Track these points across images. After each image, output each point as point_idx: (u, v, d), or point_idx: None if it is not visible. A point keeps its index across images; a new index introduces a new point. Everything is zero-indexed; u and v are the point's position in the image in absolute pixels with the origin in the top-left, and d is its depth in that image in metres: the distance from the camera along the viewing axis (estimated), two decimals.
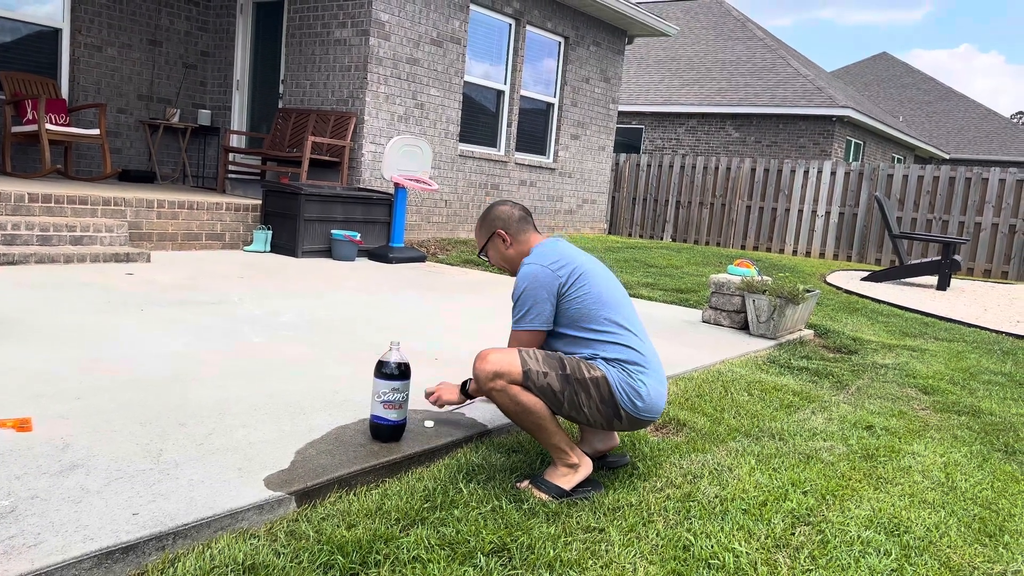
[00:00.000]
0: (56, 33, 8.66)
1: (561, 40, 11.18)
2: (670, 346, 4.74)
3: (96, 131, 8.06)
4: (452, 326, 4.69)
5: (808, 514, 2.48)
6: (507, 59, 10.41)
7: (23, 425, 2.40)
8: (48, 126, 7.62)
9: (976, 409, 4.08)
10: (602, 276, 2.63)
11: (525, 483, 2.48)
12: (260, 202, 7.54)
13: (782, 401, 3.84)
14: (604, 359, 2.52)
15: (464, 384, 2.79)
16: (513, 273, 2.77)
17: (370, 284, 6.12)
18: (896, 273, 9.48)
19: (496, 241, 2.75)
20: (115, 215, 6.41)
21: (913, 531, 2.43)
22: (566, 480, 2.48)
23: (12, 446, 2.26)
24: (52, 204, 6.04)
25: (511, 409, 2.48)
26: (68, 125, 8.10)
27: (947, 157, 27.29)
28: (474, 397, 2.79)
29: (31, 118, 7.80)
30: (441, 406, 2.85)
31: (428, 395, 2.84)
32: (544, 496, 2.42)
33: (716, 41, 23.30)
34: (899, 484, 2.84)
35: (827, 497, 2.63)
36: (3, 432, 2.35)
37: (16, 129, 7.83)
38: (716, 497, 2.53)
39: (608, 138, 12.53)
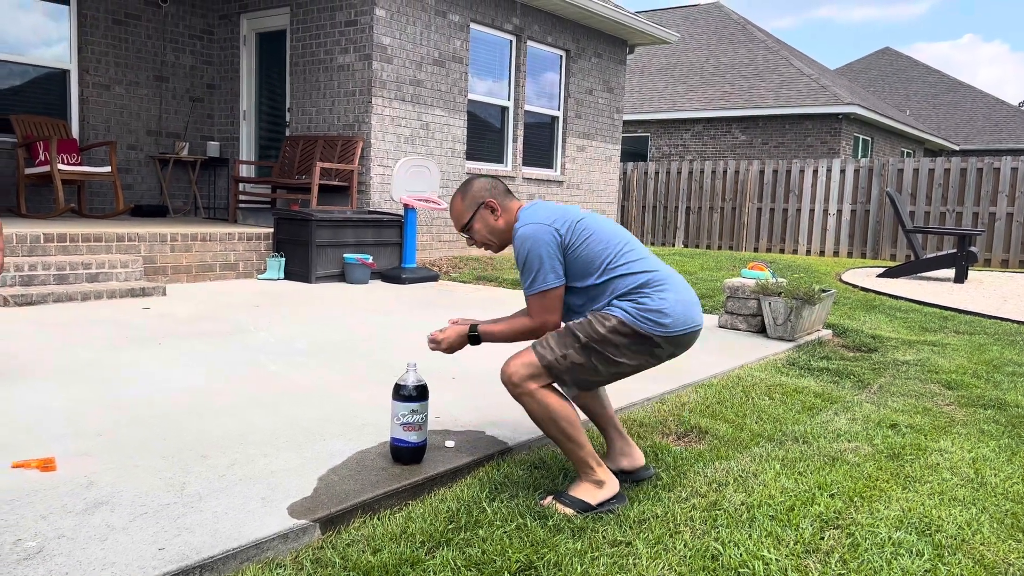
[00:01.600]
0: (64, 74, 8.78)
1: (562, 53, 11.23)
2: (687, 352, 4.71)
3: (107, 169, 8.15)
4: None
5: (836, 517, 2.45)
6: (510, 75, 10.46)
7: (47, 465, 2.41)
8: (60, 166, 7.71)
9: (1002, 402, 4.03)
10: (600, 219, 2.58)
11: (549, 499, 2.47)
12: (272, 230, 7.59)
13: (804, 403, 3.81)
14: (617, 297, 2.45)
15: (472, 328, 2.63)
16: (499, 249, 2.70)
17: (384, 306, 6.13)
18: (912, 268, 9.41)
19: (484, 214, 2.63)
20: (129, 251, 6.47)
21: (945, 530, 2.39)
22: (591, 495, 2.45)
23: (37, 486, 2.27)
24: (67, 243, 6.10)
25: (540, 414, 2.43)
26: (80, 164, 8.20)
27: (957, 148, 27.12)
28: (482, 342, 2.63)
29: (43, 159, 7.90)
30: (447, 350, 2.65)
31: (432, 341, 2.65)
32: (568, 511, 2.40)
33: (717, 46, 23.32)
34: (928, 482, 2.80)
35: (855, 499, 2.60)
36: (28, 472, 2.37)
37: (29, 171, 7.93)
38: (742, 504, 2.50)
39: (615, 148, 12.54)
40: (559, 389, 2.50)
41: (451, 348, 2.66)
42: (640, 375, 4.06)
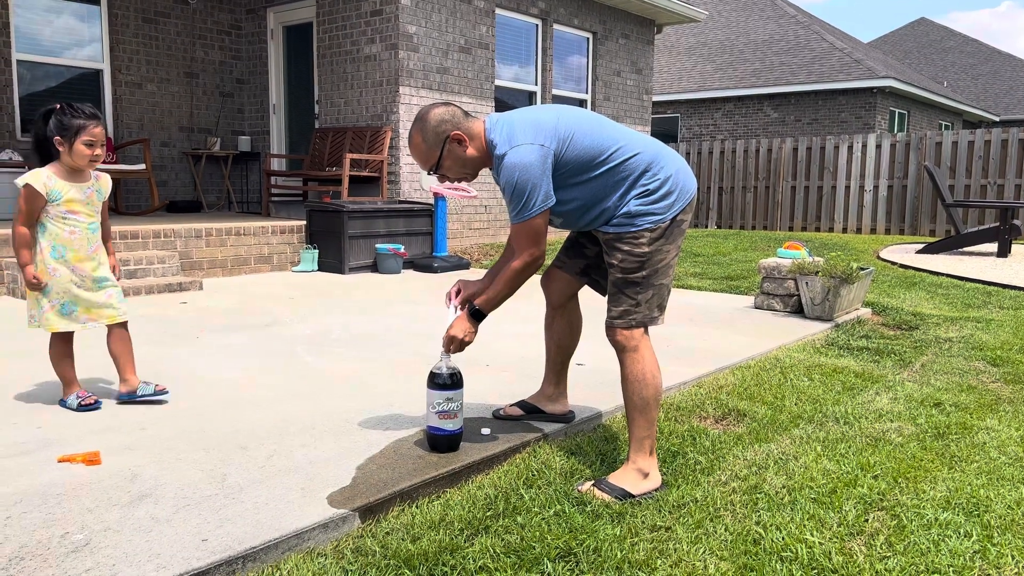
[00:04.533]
0: (98, 74, 8.91)
1: (589, 36, 11.12)
2: (723, 335, 4.67)
3: (142, 166, 8.26)
4: (500, 332, 4.68)
5: (880, 499, 2.40)
6: (536, 59, 10.39)
7: (92, 459, 2.46)
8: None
9: None
10: (570, 112, 2.53)
11: (587, 485, 2.46)
12: (305, 223, 7.65)
13: (844, 384, 3.75)
14: (627, 194, 2.49)
15: (474, 311, 2.60)
16: (472, 177, 2.60)
17: (417, 295, 6.15)
18: (952, 243, 9.20)
19: (453, 148, 2.49)
20: (166, 246, 6.56)
21: (993, 510, 2.34)
22: (635, 485, 2.44)
23: (83, 480, 2.32)
24: None
25: (640, 374, 2.50)
26: (115, 162, 8.33)
27: (997, 119, 26.43)
28: (487, 315, 2.61)
29: None
30: (461, 347, 2.61)
31: (446, 347, 2.61)
32: (607, 497, 2.39)
33: (747, 22, 22.94)
34: (974, 462, 2.74)
35: (899, 480, 2.55)
36: (74, 467, 2.41)
37: None
38: (783, 487, 2.47)
39: (644, 129, 12.42)
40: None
41: (464, 343, 2.61)
42: (677, 359, 4.03)
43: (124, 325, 3.13)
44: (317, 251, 7.49)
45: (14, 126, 8.24)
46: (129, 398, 3.09)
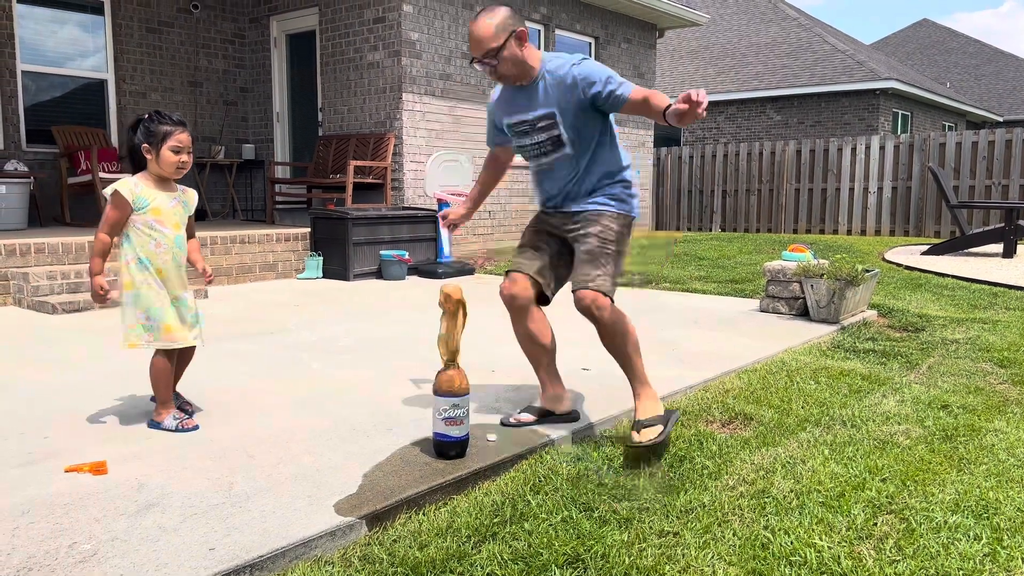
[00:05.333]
0: (102, 84, 8.95)
1: (591, 40, 11.14)
2: (729, 338, 4.66)
3: None
4: (505, 338, 4.67)
5: (889, 502, 2.39)
6: None
7: (99, 468, 2.46)
8: (101, 175, 7.87)
9: None
10: None
11: (635, 435, 2.74)
12: (309, 230, 7.66)
13: (851, 386, 3.74)
14: (618, 185, 2.94)
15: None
16: (515, 82, 2.84)
17: (422, 301, 6.15)
18: (958, 244, 9.18)
19: (514, 42, 2.72)
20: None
21: (1003, 512, 2.32)
22: (658, 407, 2.86)
23: (90, 489, 2.32)
24: None
25: (619, 329, 2.84)
26: (120, 172, 8.35)
27: (1001, 120, 26.38)
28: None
29: (85, 168, 8.07)
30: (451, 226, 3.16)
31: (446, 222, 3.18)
32: (658, 428, 2.74)
33: (748, 25, 22.96)
34: (983, 464, 2.72)
35: (907, 483, 2.54)
36: (81, 476, 2.42)
37: (72, 180, 8.11)
38: (791, 491, 2.46)
39: (647, 133, 12.42)
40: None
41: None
42: (683, 363, 4.02)
43: (193, 350, 3.07)
44: (321, 258, 7.50)
45: (19, 137, 8.27)
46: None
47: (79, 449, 2.67)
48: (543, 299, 3.05)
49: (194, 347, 3.04)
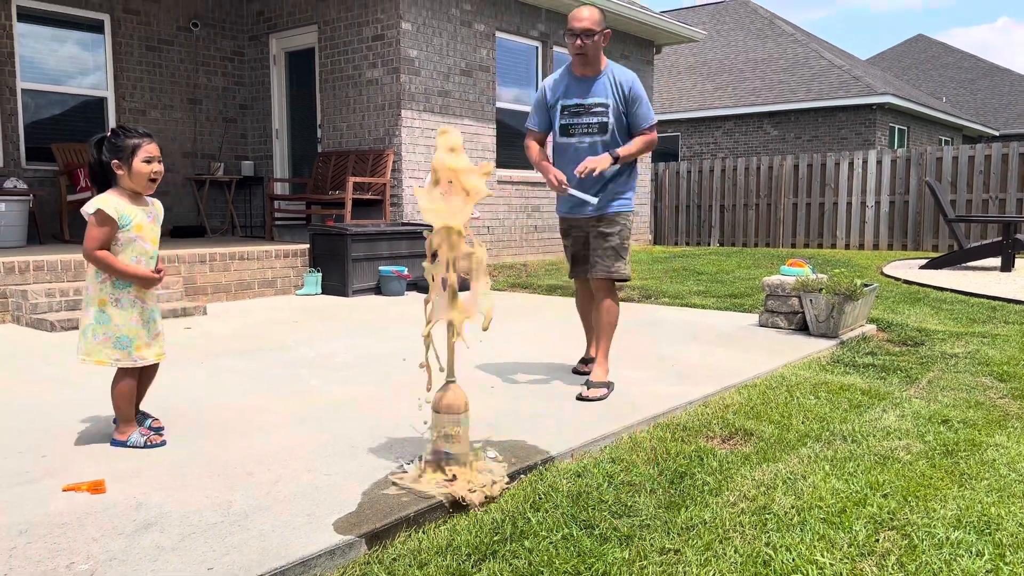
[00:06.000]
0: (102, 101, 8.99)
1: None
2: (728, 353, 4.66)
3: None
4: (504, 352, 4.67)
5: (891, 518, 2.38)
6: (537, 81, 10.46)
7: (97, 487, 2.45)
8: None
9: None
10: None
11: (584, 393, 3.56)
12: (308, 246, 7.67)
13: (851, 401, 3.73)
14: (630, 189, 3.84)
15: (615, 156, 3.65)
16: (584, 66, 3.69)
17: (421, 317, 6.14)
18: (956, 258, 9.19)
19: (601, 36, 3.66)
20: (170, 272, 6.58)
21: (1005, 528, 2.32)
22: (607, 375, 3.72)
23: (88, 508, 2.31)
24: None
25: (615, 313, 3.83)
26: None
27: (997, 134, 26.49)
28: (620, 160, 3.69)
29: (84, 185, 8.08)
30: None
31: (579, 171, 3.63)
32: (603, 392, 3.59)
33: (745, 41, 23.10)
34: (984, 479, 2.72)
35: (909, 499, 2.53)
36: (79, 495, 2.40)
37: (71, 197, 8.12)
38: (792, 508, 2.45)
39: None
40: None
41: (595, 170, 3.60)
42: (682, 378, 4.02)
43: (157, 365, 3.06)
44: (320, 274, 7.50)
45: (19, 154, 8.30)
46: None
47: (77, 468, 2.66)
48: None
49: (158, 363, 3.03)
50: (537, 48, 10.37)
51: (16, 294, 5.71)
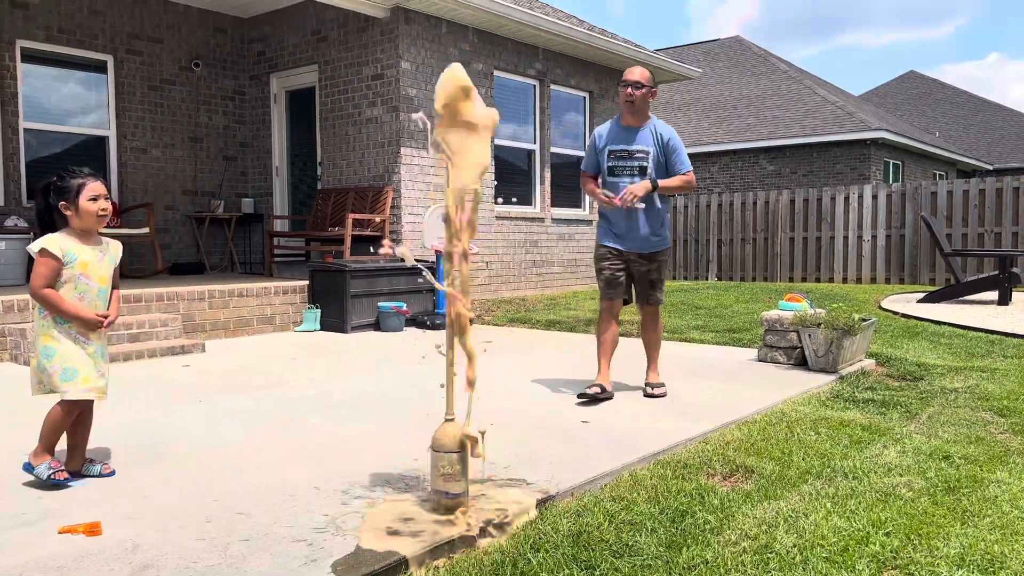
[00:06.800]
0: (103, 140, 9.07)
1: (585, 95, 11.34)
2: (728, 388, 4.65)
3: (146, 230, 8.35)
4: (504, 389, 4.66)
5: (893, 557, 2.37)
6: (534, 118, 10.57)
7: (93, 529, 2.43)
8: (101, 229, 7.91)
9: None
10: None
11: (650, 391, 4.45)
12: (307, 282, 7.69)
13: (851, 437, 3.72)
14: (666, 227, 4.53)
15: (654, 183, 4.29)
16: (633, 116, 4.37)
17: (419, 353, 6.14)
18: (953, 292, 9.22)
19: (649, 91, 4.34)
20: (169, 309, 6.59)
21: (1009, 566, 2.30)
22: (660, 377, 4.63)
23: (83, 551, 2.29)
24: None
25: (659, 325, 4.67)
26: (119, 227, 8.41)
27: (991, 168, 26.72)
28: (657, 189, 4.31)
29: None
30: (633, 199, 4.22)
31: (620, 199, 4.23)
32: (663, 389, 4.47)
33: (740, 78, 23.39)
34: (987, 516, 2.70)
35: (911, 537, 2.51)
36: (75, 537, 2.38)
37: None
38: (794, 546, 2.43)
39: None
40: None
41: (637, 195, 4.23)
42: (682, 415, 4.00)
43: (92, 405, 3.07)
44: (319, 311, 7.51)
45: (20, 193, 8.34)
46: (76, 473, 3.02)
47: (73, 509, 2.64)
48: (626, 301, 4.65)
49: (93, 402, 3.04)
50: (535, 86, 10.50)
51: (15, 332, 5.70)
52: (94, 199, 2.93)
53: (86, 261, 2.94)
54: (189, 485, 2.90)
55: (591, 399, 4.23)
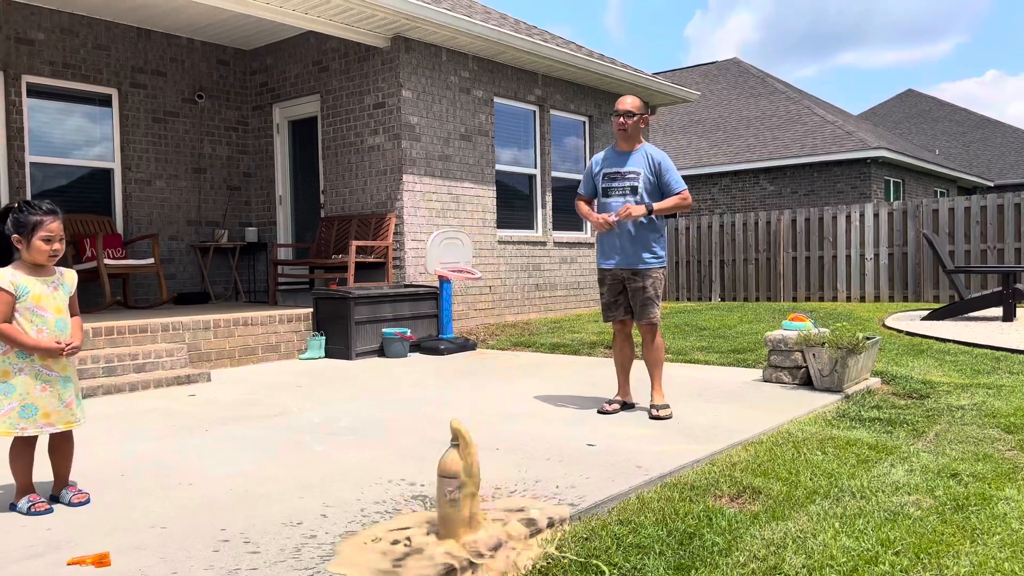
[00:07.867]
0: (108, 172, 9.15)
1: (585, 119, 11.42)
2: (734, 409, 4.64)
3: (151, 260, 8.40)
4: (509, 413, 4.67)
5: None
6: (535, 144, 10.65)
7: (102, 560, 2.43)
8: (106, 261, 7.96)
9: None
10: None
11: (655, 413, 4.46)
12: (311, 310, 7.71)
13: (858, 456, 3.71)
14: (661, 244, 4.64)
15: (649, 208, 4.47)
16: (626, 141, 4.60)
17: (425, 378, 6.15)
18: (957, 309, 9.21)
19: (640, 119, 4.57)
20: (174, 339, 6.61)
21: None
22: (664, 398, 4.64)
23: None
24: (115, 335, 6.26)
25: (658, 344, 4.67)
26: (124, 258, 8.46)
27: (991, 185, 26.77)
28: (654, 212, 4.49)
29: (90, 255, 8.17)
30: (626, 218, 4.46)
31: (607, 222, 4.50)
32: (668, 411, 4.50)
33: (738, 100, 23.55)
34: (996, 534, 2.69)
35: (921, 556, 2.50)
36: (84, 569, 2.39)
37: (78, 267, 8.18)
38: (803, 567, 2.43)
39: None
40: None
41: (635, 215, 4.43)
42: (688, 436, 4.00)
43: (72, 432, 3.10)
44: (324, 338, 7.52)
45: None
46: (55, 498, 3.06)
47: (82, 540, 2.65)
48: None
49: (72, 429, 3.07)
50: (535, 112, 10.59)
51: None
52: (47, 240, 2.96)
53: (39, 294, 2.97)
54: (197, 515, 2.90)
55: (612, 412, 4.65)
